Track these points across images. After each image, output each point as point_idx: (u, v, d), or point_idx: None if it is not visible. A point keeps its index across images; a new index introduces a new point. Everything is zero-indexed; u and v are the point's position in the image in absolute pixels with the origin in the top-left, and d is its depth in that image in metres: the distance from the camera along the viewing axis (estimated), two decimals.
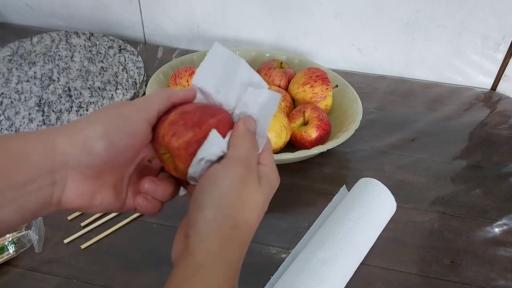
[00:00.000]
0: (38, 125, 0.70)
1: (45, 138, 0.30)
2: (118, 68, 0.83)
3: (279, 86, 0.73)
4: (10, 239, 0.53)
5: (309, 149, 0.63)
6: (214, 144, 0.34)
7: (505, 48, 0.83)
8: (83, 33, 0.93)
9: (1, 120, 0.71)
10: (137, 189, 0.36)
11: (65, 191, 0.31)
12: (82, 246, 0.55)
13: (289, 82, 0.74)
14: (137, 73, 0.83)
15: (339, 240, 0.51)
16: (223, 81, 0.37)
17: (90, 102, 0.75)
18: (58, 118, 0.71)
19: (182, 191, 0.40)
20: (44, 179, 0.29)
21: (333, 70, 0.79)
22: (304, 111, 0.66)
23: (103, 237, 0.56)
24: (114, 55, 0.87)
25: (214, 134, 0.34)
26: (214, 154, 0.34)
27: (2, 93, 0.76)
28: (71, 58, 0.86)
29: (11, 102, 0.74)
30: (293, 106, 0.71)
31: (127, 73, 0.82)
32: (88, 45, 0.90)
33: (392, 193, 0.56)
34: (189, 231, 0.32)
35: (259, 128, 0.36)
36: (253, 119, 0.36)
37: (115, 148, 0.31)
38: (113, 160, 0.32)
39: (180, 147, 0.34)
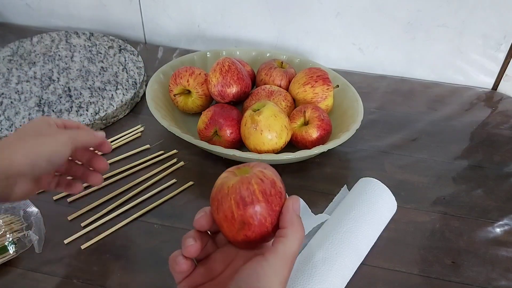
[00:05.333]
0: None
1: (6, 154, 0.40)
2: (118, 68, 0.83)
3: (280, 86, 0.73)
4: (11, 239, 0.53)
5: (309, 149, 0.63)
6: None
7: (506, 48, 0.83)
8: (83, 33, 0.92)
9: (1, 120, 0.70)
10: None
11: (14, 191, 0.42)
12: (82, 246, 0.55)
13: (289, 82, 0.74)
14: (137, 73, 0.82)
15: (338, 240, 0.50)
16: None
17: (90, 102, 0.74)
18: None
19: None
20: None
21: (333, 69, 0.79)
22: (304, 111, 0.66)
23: (103, 237, 0.56)
24: (114, 55, 0.87)
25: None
26: None
27: (2, 93, 0.76)
28: (71, 58, 0.86)
29: (11, 102, 0.74)
30: (293, 106, 0.71)
31: (127, 73, 0.82)
32: (88, 45, 0.89)
33: (393, 193, 0.56)
34: None
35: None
36: (299, 200, 0.36)
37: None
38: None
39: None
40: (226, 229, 0.36)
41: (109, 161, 0.67)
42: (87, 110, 0.73)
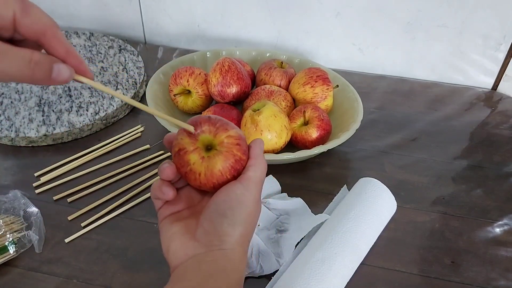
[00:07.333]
0: (38, 125, 0.70)
1: None
2: (118, 68, 0.83)
3: (280, 86, 0.73)
4: (11, 239, 0.53)
5: (309, 149, 0.63)
6: None
7: (506, 48, 0.83)
8: (83, 33, 0.92)
9: (1, 120, 0.71)
10: None
11: None
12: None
13: (289, 82, 0.74)
14: (137, 73, 0.82)
15: (338, 240, 0.50)
16: None
17: (90, 102, 0.74)
18: (58, 118, 0.71)
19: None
20: None
21: (333, 69, 0.79)
22: (304, 111, 0.66)
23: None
24: (114, 55, 0.87)
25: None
26: None
27: (2, 93, 0.76)
28: None
29: (11, 102, 0.74)
30: (293, 106, 0.71)
31: (127, 73, 0.82)
32: (88, 45, 0.89)
33: (393, 193, 0.56)
34: (214, 240, 0.36)
35: None
36: (262, 141, 0.41)
37: None
38: None
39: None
40: (206, 188, 0.39)
41: (109, 161, 0.67)
42: (87, 110, 0.73)
